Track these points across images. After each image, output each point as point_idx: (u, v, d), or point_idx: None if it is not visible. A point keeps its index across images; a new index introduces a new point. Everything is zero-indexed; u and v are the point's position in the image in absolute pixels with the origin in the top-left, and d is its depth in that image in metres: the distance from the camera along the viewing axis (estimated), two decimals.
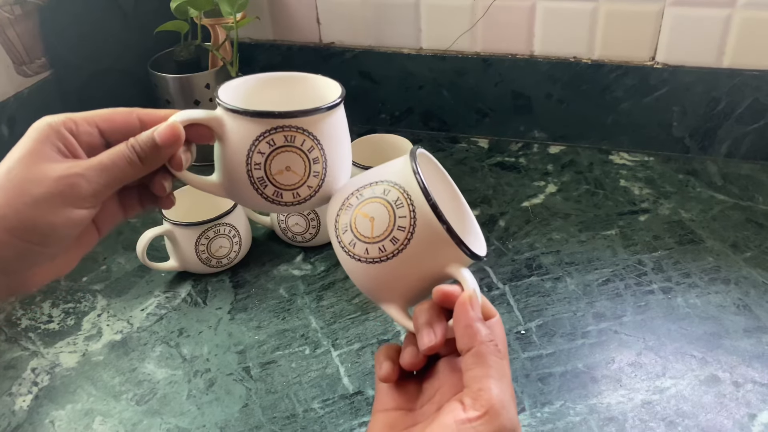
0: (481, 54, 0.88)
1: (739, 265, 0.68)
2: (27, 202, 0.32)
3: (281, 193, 0.40)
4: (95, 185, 0.34)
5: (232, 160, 0.39)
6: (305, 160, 0.39)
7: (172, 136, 0.36)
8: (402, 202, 0.36)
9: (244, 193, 0.40)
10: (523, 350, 0.59)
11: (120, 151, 0.35)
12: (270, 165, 0.39)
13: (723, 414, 0.53)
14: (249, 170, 0.39)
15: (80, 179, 0.34)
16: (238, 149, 0.39)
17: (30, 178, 0.33)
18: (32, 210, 0.33)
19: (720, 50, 0.79)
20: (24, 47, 0.84)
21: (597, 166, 0.85)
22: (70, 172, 0.33)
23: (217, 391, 0.57)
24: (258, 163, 0.39)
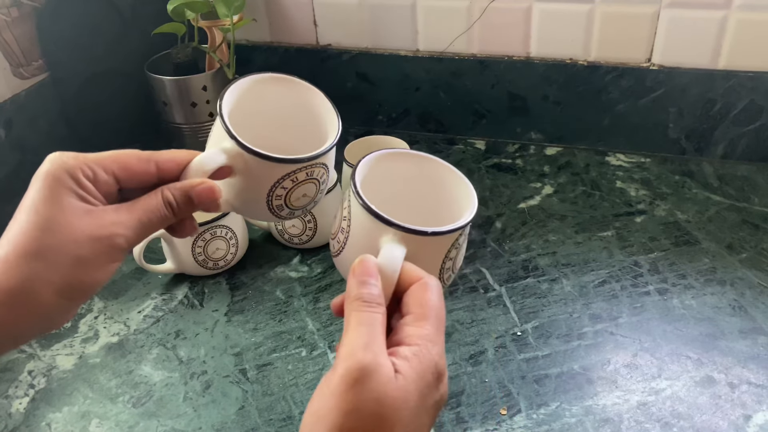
0: (478, 56, 0.88)
1: (734, 266, 0.68)
2: (72, 265, 0.32)
3: (294, 212, 0.44)
4: (133, 240, 0.35)
5: (253, 191, 0.41)
6: (318, 184, 0.43)
7: (210, 197, 0.37)
8: (345, 195, 0.41)
9: (259, 215, 0.43)
10: (519, 352, 0.59)
11: (156, 207, 0.35)
12: (290, 196, 0.42)
13: (718, 415, 0.53)
14: (269, 201, 0.42)
15: (119, 238, 0.34)
16: (261, 186, 0.41)
17: (70, 239, 0.32)
18: (78, 271, 0.33)
19: (716, 52, 0.79)
20: (21, 49, 0.84)
21: (593, 168, 0.85)
22: (109, 232, 0.33)
23: (213, 393, 0.57)
24: (279, 196, 0.42)
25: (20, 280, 0.31)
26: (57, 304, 0.33)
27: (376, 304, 0.33)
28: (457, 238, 0.41)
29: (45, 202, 0.33)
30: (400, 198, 0.44)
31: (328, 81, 0.94)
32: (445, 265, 0.42)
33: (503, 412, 0.54)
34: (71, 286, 0.33)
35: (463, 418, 0.54)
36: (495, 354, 0.59)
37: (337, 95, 0.94)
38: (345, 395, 0.30)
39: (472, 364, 0.58)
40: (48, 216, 0.32)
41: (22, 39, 0.84)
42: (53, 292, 0.32)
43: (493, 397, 0.55)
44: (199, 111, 0.85)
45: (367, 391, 0.30)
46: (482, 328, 0.62)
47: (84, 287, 0.33)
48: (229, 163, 0.39)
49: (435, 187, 0.44)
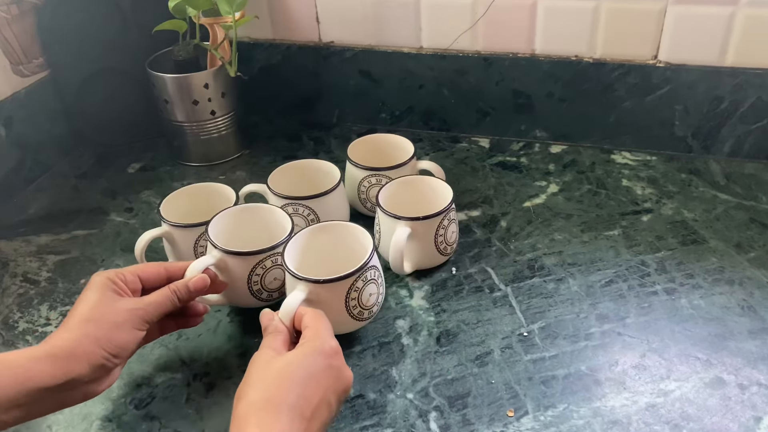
0: (482, 53, 0.87)
1: (743, 265, 0.67)
2: (111, 326, 0.49)
3: (271, 294, 0.62)
4: (151, 315, 0.52)
5: (237, 281, 0.60)
6: (283, 270, 0.60)
7: (203, 284, 0.55)
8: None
9: (246, 301, 0.62)
10: (526, 353, 0.59)
11: (166, 294, 0.53)
12: (264, 280, 0.61)
13: (728, 417, 0.52)
14: (250, 286, 0.60)
15: (143, 312, 0.51)
16: (241, 275, 0.60)
17: (111, 311, 0.50)
18: (114, 331, 0.49)
19: (723, 48, 0.78)
20: (21, 47, 0.84)
21: (599, 166, 0.84)
22: (137, 307, 0.51)
23: (216, 395, 0.57)
24: (256, 282, 0.60)
25: (77, 335, 0.47)
26: (100, 356, 0.48)
27: (276, 332, 0.50)
28: (353, 282, 0.56)
29: (94, 294, 0.50)
30: (326, 257, 0.61)
31: (330, 78, 0.93)
32: (350, 303, 0.56)
33: (510, 413, 0.53)
34: (110, 341, 0.48)
35: (470, 420, 0.53)
36: (501, 355, 0.58)
37: (340, 93, 0.95)
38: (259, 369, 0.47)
39: (479, 365, 0.58)
40: (96, 300, 0.50)
41: (22, 36, 0.83)
42: (98, 345, 0.48)
43: (499, 399, 0.55)
44: (201, 109, 0.85)
45: (269, 363, 0.47)
46: (488, 329, 0.61)
47: (119, 344, 0.49)
48: (215, 263, 0.59)
49: (344, 243, 0.61)
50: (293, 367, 0.45)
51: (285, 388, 0.44)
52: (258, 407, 0.43)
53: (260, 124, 0.97)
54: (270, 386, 0.44)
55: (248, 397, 0.44)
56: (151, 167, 0.90)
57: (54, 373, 0.45)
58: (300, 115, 0.98)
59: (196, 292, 0.55)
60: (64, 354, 0.46)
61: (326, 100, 0.96)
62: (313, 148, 0.92)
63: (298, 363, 0.46)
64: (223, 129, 0.88)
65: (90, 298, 0.50)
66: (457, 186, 0.80)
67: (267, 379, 0.45)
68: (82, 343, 0.47)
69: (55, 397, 0.46)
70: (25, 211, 0.82)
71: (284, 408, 0.43)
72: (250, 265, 0.59)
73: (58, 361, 0.46)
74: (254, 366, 0.46)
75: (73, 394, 0.47)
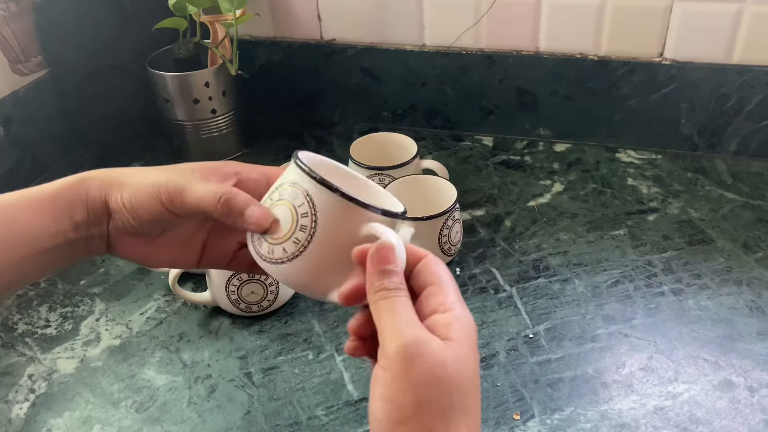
0: (486, 50, 0.86)
1: (750, 265, 0.66)
2: (140, 184, 0.40)
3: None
4: (179, 199, 0.40)
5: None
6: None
7: (256, 221, 0.39)
8: (296, 193, 0.38)
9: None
10: (532, 355, 0.58)
11: (216, 190, 0.40)
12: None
13: (738, 420, 0.51)
14: None
15: (179, 190, 0.40)
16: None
17: (166, 171, 0.41)
18: (139, 188, 0.40)
19: (730, 46, 0.77)
20: (20, 45, 0.83)
21: (604, 165, 0.83)
22: (179, 180, 0.40)
23: (218, 398, 0.56)
24: None
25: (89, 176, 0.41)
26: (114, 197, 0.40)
27: (401, 289, 0.34)
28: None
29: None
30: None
31: (332, 76, 0.92)
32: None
33: (516, 417, 0.53)
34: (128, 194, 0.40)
35: None
36: (507, 357, 0.58)
37: (342, 91, 0.94)
38: (410, 371, 0.31)
39: (484, 368, 0.57)
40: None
41: (20, 35, 0.82)
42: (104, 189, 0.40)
43: (505, 402, 0.54)
44: (202, 108, 0.84)
45: (430, 361, 0.31)
46: (493, 330, 0.60)
47: (135, 203, 0.40)
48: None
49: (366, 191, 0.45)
50: (468, 366, 0.33)
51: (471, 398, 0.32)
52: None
53: (261, 122, 0.96)
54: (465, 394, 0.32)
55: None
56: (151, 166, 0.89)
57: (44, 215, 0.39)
58: (301, 114, 0.97)
59: (245, 223, 0.39)
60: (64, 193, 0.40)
61: (328, 99, 0.95)
62: (315, 146, 0.91)
63: (472, 360, 0.33)
64: (223, 128, 0.87)
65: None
66: (461, 185, 0.79)
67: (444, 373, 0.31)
68: (108, 182, 0.40)
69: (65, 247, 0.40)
70: None
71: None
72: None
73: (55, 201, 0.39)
74: (426, 351, 0.31)
75: (94, 235, 0.41)
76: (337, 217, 0.37)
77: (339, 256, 0.37)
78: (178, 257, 0.44)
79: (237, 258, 0.45)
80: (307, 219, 0.37)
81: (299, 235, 0.37)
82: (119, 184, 0.40)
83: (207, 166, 0.42)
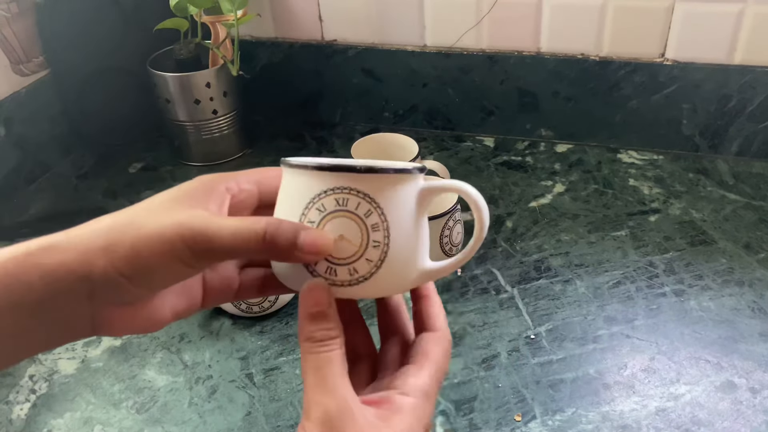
0: (487, 51, 0.86)
1: (752, 266, 0.66)
2: (143, 237, 0.30)
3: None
4: (212, 246, 0.30)
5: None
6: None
7: (316, 249, 0.31)
8: (343, 198, 0.32)
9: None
10: (533, 356, 0.58)
11: (253, 226, 0.30)
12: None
13: (740, 422, 0.51)
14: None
15: (203, 235, 0.30)
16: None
17: (154, 212, 0.31)
18: (141, 248, 0.30)
19: (731, 46, 0.77)
20: (21, 46, 0.83)
21: (605, 165, 0.83)
22: (194, 222, 0.30)
23: (219, 399, 0.56)
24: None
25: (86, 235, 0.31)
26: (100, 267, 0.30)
27: (333, 341, 0.31)
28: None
29: (172, 190, 0.33)
30: None
31: (333, 77, 0.92)
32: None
33: (517, 418, 0.52)
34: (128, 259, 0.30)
35: (477, 425, 0.52)
36: (508, 358, 0.58)
37: (343, 91, 0.94)
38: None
39: (485, 369, 0.57)
40: (164, 195, 0.32)
41: (22, 35, 0.82)
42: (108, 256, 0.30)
43: (506, 403, 0.54)
44: (203, 108, 0.84)
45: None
46: (494, 331, 0.60)
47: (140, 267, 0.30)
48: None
49: None
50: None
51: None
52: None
53: (262, 123, 0.96)
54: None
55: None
56: (152, 167, 0.89)
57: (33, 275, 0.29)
58: (302, 114, 0.97)
59: (301, 255, 0.31)
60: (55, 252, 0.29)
61: (329, 99, 0.95)
62: (316, 147, 0.91)
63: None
64: (225, 128, 0.87)
65: (161, 195, 0.32)
66: None
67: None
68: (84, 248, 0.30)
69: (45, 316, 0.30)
70: (25, 212, 0.81)
71: None
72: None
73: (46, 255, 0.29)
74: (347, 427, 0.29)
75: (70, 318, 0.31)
76: (399, 196, 0.32)
77: (416, 234, 0.33)
78: (180, 310, 0.35)
79: (243, 284, 0.37)
80: (379, 232, 0.32)
81: (372, 253, 0.32)
82: (104, 249, 0.30)
83: (199, 190, 0.33)
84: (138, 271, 0.30)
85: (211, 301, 0.36)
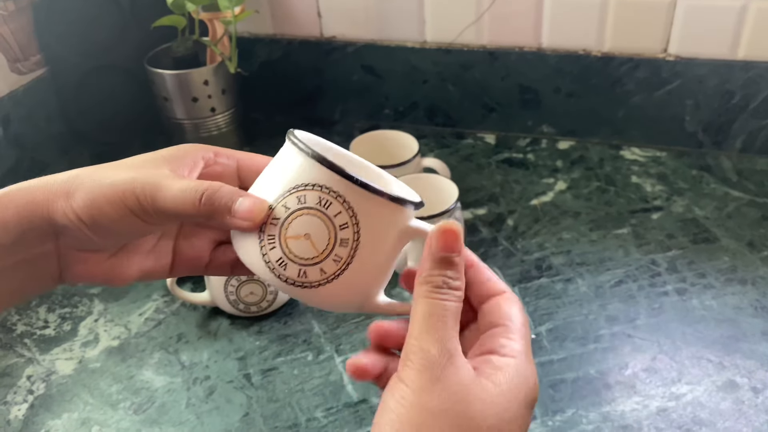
0: (488, 47, 0.85)
1: (756, 264, 0.65)
2: (100, 186, 0.32)
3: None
4: (157, 203, 0.32)
5: None
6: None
7: (251, 216, 0.31)
8: (326, 200, 0.31)
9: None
10: (534, 355, 0.57)
11: (197, 187, 0.32)
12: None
13: (741, 422, 0.51)
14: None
15: (151, 191, 0.32)
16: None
17: (121, 167, 0.34)
18: (99, 197, 0.32)
19: (735, 41, 0.76)
20: (18, 44, 0.82)
21: (608, 162, 0.82)
22: (148, 179, 0.32)
23: (216, 400, 0.55)
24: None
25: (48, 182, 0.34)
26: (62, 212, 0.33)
27: (455, 293, 0.30)
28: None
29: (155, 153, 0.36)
30: None
31: (332, 74, 0.92)
32: None
33: None
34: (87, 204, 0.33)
35: None
36: None
37: (343, 89, 0.93)
38: (427, 392, 0.28)
39: None
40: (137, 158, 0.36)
41: (18, 33, 0.82)
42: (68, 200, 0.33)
43: None
44: (201, 106, 0.83)
45: (450, 390, 0.28)
46: None
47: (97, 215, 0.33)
48: None
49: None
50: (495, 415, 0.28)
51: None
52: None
53: (261, 121, 0.96)
54: None
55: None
56: None
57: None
58: (302, 112, 0.96)
59: (233, 221, 0.32)
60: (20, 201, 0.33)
61: (328, 96, 0.94)
62: None
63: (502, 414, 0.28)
64: (223, 126, 0.86)
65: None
66: (463, 184, 0.78)
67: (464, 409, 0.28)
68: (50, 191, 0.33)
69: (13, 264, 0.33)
70: None
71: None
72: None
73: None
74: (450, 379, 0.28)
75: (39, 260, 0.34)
76: (382, 223, 0.32)
77: (382, 264, 0.33)
78: (146, 270, 0.36)
79: (214, 260, 0.38)
80: (348, 231, 0.31)
81: (339, 252, 0.31)
82: (66, 192, 0.32)
83: (172, 154, 0.35)
84: (93, 218, 0.32)
85: (180, 269, 0.38)
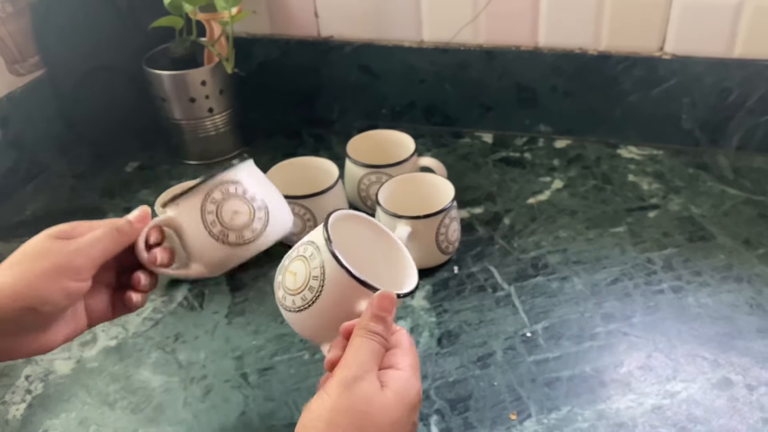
0: (484, 46, 0.85)
1: (751, 262, 0.65)
2: (35, 274, 0.41)
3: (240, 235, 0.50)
4: (87, 258, 0.43)
5: (192, 232, 0.50)
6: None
7: (142, 216, 0.48)
8: (314, 255, 0.44)
9: (212, 251, 0.50)
10: (529, 354, 0.57)
11: (106, 227, 0.45)
12: (221, 213, 0.50)
13: (736, 419, 0.51)
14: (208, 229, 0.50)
15: (76, 254, 0.43)
16: (193, 220, 0.50)
17: (40, 254, 0.42)
18: (38, 280, 0.41)
19: (731, 39, 0.76)
20: (16, 45, 0.82)
21: (604, 161, 0.83)
22: (68, 249, 0.43)
23: (213, 399, 0.56)
24: (211, 211, 0.49)
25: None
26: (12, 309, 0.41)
27: (381, 337, 0.40)
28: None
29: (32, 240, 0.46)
30: (358, 258, 0.47)
31: (330, 74, 0.92)
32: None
33: (513, 416, 0.52)
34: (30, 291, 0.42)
35: (471, 424, 0.52)
36: (504, 356, 0.57)
37: (340, 88, 0.93)
38: (340, 397, 0.37)
39: (480, 367, 0.56)
40: (30, 244, 0.45)
41: (17, 35, 0.82)
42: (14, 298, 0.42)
43: (502, 401, 0.53)
44: (198, 106, 0.84)
45: (359, 394, 0.37)
46: (490, 329, 0.60)
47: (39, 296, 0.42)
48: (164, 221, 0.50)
49: (384, 254, 0.50)
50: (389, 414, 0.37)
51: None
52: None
53: (259, 121, 0.96)
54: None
55: None
56: (148, 166, 0.89)
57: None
58: (299, 112, 0.96)
59: (137, 224, 0.47)
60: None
61: (326, 96, 0.94)
62: (313, 145, 0.91)
63: (395, 413, 0.37)
64: (221, 126, 0.87)
65: (29, 243, 0.44)
66: (460, 183, 0.78)
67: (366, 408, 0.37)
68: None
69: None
70: (22, 212, 0.81)
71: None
72: (198, 201, 0.49)
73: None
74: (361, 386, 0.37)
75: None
76: (341, 289, 0.43)
77: (335, 320, 0.43)
78: (70, 332, 0.46)
79: (116, 304, 0.49)
80: (317, 282, 0.43)
81: (306, 294, 0.44)
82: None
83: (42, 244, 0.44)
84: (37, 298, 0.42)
85: (95, 321, 0.48)
